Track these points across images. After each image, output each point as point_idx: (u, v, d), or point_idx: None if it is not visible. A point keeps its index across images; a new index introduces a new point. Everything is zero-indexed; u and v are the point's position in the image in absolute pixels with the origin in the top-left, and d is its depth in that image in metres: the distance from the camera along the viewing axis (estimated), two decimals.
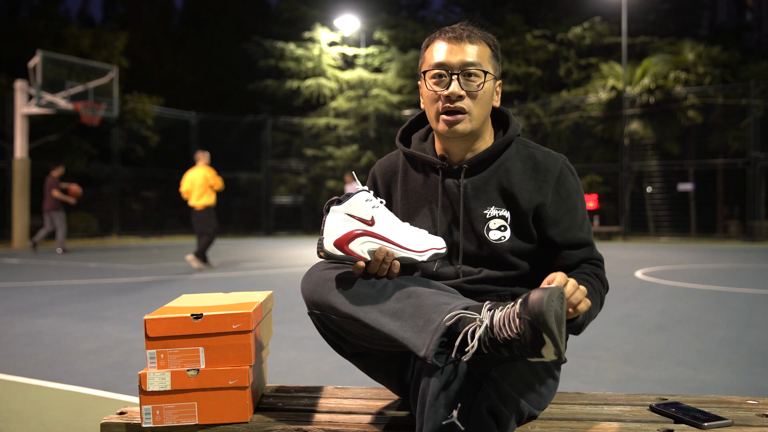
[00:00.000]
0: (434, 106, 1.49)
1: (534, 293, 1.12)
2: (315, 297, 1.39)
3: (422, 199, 1.56)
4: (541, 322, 1.09)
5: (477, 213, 1.50)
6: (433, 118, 1.50)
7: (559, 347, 1.11)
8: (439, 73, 1.47)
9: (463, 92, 1.45)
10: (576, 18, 21.99)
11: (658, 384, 3.10)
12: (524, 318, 1.11)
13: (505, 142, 1.52)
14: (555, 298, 1.11)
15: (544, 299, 1.10)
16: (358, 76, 21.63)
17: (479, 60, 1.46)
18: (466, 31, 1.49)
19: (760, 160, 16.84)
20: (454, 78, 1.45)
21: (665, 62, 19.02)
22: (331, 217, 1.35)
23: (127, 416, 1.48)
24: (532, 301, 1.11)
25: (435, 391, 1.19)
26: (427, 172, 1.57)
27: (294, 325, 4.60)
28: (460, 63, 1.45)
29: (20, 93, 14.40)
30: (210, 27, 30.00)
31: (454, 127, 1.47)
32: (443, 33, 1.51)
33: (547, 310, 1.09)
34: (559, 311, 1.11)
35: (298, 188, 23.12)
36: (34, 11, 22.09)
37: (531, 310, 1.10)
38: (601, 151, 19.94)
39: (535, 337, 1.11)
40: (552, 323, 1.09)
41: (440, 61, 1.47)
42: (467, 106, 1.46)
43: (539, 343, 1.11)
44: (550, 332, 1.09)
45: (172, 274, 8.44)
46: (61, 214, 12.26)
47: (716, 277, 7.99)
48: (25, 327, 4.64)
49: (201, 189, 8.98)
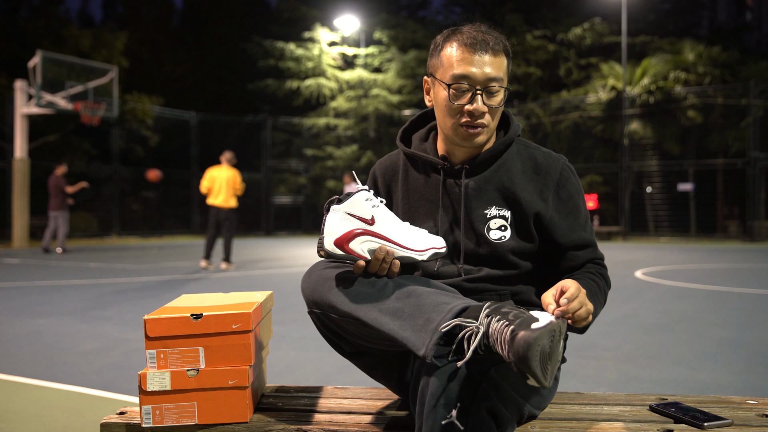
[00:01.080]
0: (453, 116, 1.47)
1: (521, 334, 1.11)
2: (315, 296, 1.39)
3: (423, 199, 1.57)
4: (525, 365, 1.09)
5: (478, 213, 1.50)
6: (449, 126, 1.49)
7: (542, 383, 1.11)
8: (462, 87, 1.44)
9: (486, 108, 1.45)
10: (576, 18, 21.99)
11: (658, 384, 3.10)
12: (509, 356, 1.12)
13: (506, 143, 1.53)
14: (545, 338, 1.11)
15: (530, 343, 1.09)
16: (357, 76, 21.63)
17: (501, 75, 1.46)
18: (489, 39, 1.45)
19: (759, 160, 16.84)
20: (478, 93, 1.44)
21: (665, 62, 19.03)
22: (331, 216, 1.35)
23: (127, 416, 1.48)
24: (518, 343, 1.10)
25: (434, 390, 1.19)
26: (428, 172, 1.57)
27: (294, 325, 4.60)
28: (485, 78, 1.43)
29: (20, 93, 14.41)
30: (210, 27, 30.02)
31: (474, 140, 1.47)
32: (464, 38, 1.45)
33: (531, 355, 1.09)
34: (547, 349, 1.12)
35: (298, 188, 23.13)
36: (34, 11, 22.11)
37: (516, 352, 1.10)
38: (600, 151, 19.95)
39: (519, 372, 1.12)
40: (535, 366, 1.09)
41: (464, 74, 1.43)
42: (487, 120, 1.47)
43: (523, 377, 1.13)
44: (533, 374, 1.10)
45: (171, 274, 8.44)
46: (65, 214, 12.34)
47: (716, 277, 7.99)
48: (25, 327, 4.64)
49: (231, 190, 9.02)
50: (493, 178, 1.51)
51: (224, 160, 9.18)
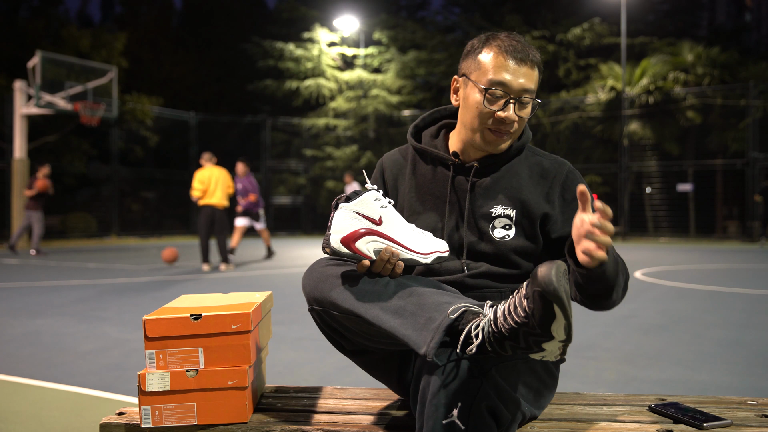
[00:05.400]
0: (483, 119, 1.49)
1: (541, 267, 1.13)
2: (316, 293, 1.39)
3: (429, 194, 1.58)
4: (551, 291, 1.10)
5: (483, 211, 1.53)
6: (477, 127, 1.51)
7: (569, 320, 1.12)
8: (497, 93, 1.47)
9: (516, 118, 1.48)
10: (575, 18, 21.99)
11: (658, 384, 3.11)
12: (534, 291, 1.12)
13: (518, 149, 1.57)
14: (561, 273, 1.13)
15: (552, 270, 1.11)
16: (357, 76, 21.63)
17: (534, 87, 1.49)
18: (529, 51, 1.48)
19: (759, 160, 16.85)
20: (512, 102, 1.47)
21: (664, 63, 19.04)
22: (339, 214, 1.36)
23: (126, 417, 1.48)
24: (542, 273, 1.12)
25: (435, 389, 1.19)
26: (437, 168, 1.60)
27: (293, 325, 4.60)
28: (521, 88, 1.46)
29: (19, 93, 14.40)
30: (209, 27, 30.01)
31: (499, 145, 1.51)
32: (507, 46, 1.47)
33: (556, 280, 1.10)
34: (566, 286, 1.13)
35: (298, 189, 23.11)
36: (34, 11, 22.09)
37: (541, 282, 1.11)
38: (600, 152, 19.95)
39: (545, 311, 1.11)
40: (562, 293, 1.10)
41: (502, 81, 1.46)
42: (515, 128, 1.51)
43: (550, 318, 1.11)
44: (560, 302, 1.10)
45: (171, 275, 8.43)
46: (38, 214, 11.93)
47: (715, 278, 7.99)
48: (25, 327, 4.64)
49: (225, 189, 9.00)
50: (501, 179, 1.54)
51: (209, 161, 9.10)
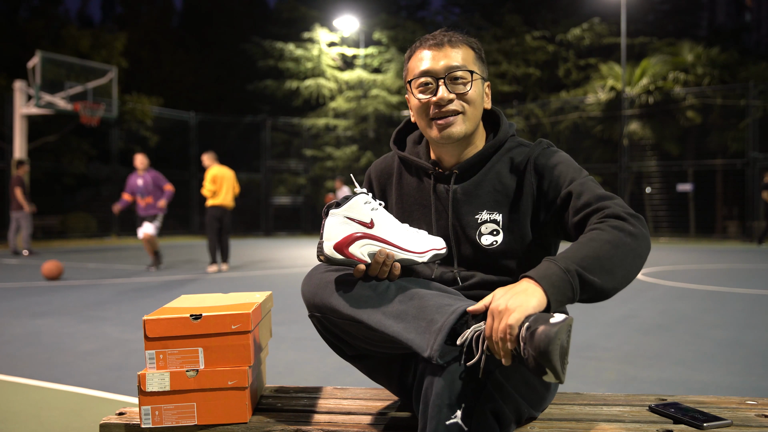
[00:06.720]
0: (425, 115, 1.48)
1: (541, 328, 1.09)
2: (316, 300, 1.39)
3: (416, 203, 1.56)
4: (546, 359, 1.07)
5: (468, 218, 1.48)
6: (426, 126, 1.49)
7: (560, 377, 1.10)
8: (425, 81, 1.46)
9: (453, 95, 1.44)
10: (575, 19, 22.00)
11: (658, 384, 3.11)
12: (528, 351, 1.10)
13: (495, 146, 1.51)
14: (564, 332, 1.09)
15: (551, 337, 1.07)
16: (357, 76, 21.63)
17: (464, 62, 1.45)
18: (447, 36, 1.47)
19: (759, 160, 16.84)
20: (441, 83, 1.44)
21: (664, 63, 19.04)
22: (330, 220, 1.34)
23: (126, 417, 1.47)
24: (538, 338, 1.08)
25: (439, 391, 1.19)
26: (421, 177, 1.57)
27: (293, 325, 4.60)
28: (445, 67, 1.44)
29: (19, 93, 14.40)
30: (209, 27, 30.02)
31: (448, 130, 1.45)
32: (424, 42, 1.49)
33: (552, 350, 1.07)
34: (566, 345, 1.10)
35: (298, 189, 23.11)
36: (34, 11, 22.10)
37: (537, 347, 1.08)
38: (600, 152, 19.95)
39: (537, 368, 1.10)
40: (556, 360, 1.08)
41: (424, 69, 1.45)
42: (460, 107, 1.45)
43: (540, 373, 1.10)
44: (553, 368, 1.08)
45: (171, 275, 8.43)
46: (25, 214, 11.90)
47: (715, 278, 7.99)
48: (25, 327, 4.64)
49: (232, 190, 8.99)
50: (483, 182, 1.49)
51: (215, 161, 8.96)
